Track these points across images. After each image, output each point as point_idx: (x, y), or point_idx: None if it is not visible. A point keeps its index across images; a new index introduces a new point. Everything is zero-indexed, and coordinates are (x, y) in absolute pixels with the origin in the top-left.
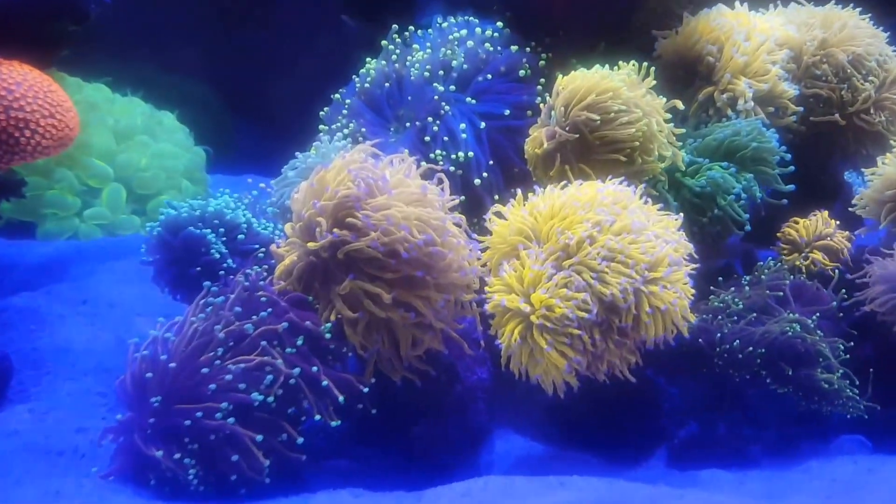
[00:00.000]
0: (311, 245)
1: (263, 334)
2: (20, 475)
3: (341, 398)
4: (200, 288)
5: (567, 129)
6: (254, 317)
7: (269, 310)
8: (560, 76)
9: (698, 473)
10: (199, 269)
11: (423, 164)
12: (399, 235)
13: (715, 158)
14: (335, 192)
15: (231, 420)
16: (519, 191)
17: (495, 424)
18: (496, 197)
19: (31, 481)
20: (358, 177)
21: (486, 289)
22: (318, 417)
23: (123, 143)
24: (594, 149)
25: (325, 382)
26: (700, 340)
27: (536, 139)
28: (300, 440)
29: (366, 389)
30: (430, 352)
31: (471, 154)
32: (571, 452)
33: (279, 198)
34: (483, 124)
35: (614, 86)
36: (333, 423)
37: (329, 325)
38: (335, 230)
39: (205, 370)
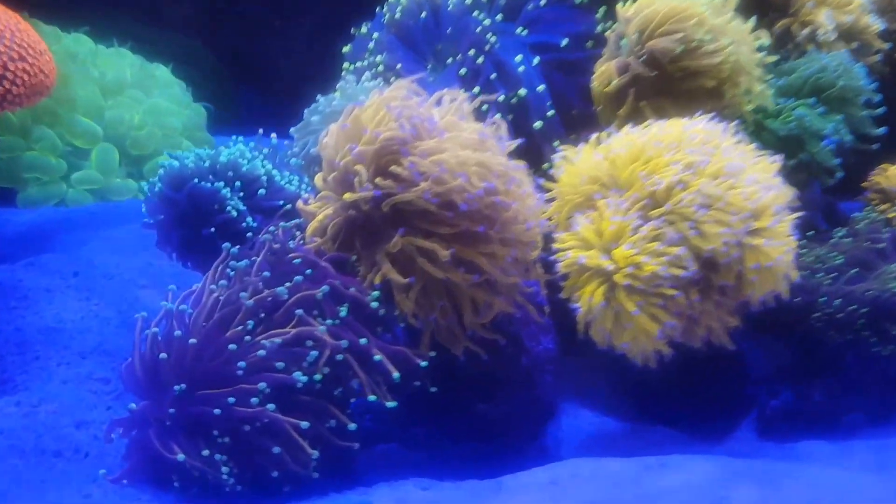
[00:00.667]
0: (348, 197)
1: (299, 302)
2: (7, 486)
3: (396, 375)
4: (215, 252)
5: (642, 60)
6: (286, 283)
7: (308, 271)
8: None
9: (795, 446)
10: (212, 229)
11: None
12: (455, 184)
13: (799, 99)
14: (375, 135)
15: (271, 406)
16: (578, 136)
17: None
18: (556, 143)
19: (21, 493)
20: (401, 116)
21: (556, 245)
22: (372, 398)
23: (112, 99)
24: (674, 82)
25: (377, 357)
26: (798, 299)
27: (605, 73)
28: (352, 426)
29: (423, 363)
30: (493, 319)
31: (526, 92)
32: (648, 427)
33: (302, 147)
34: (537, 59)
35: (698, 10)
36: (389, 405)
37: (377, 291)
38: (377, 180)
39: (233, 347)
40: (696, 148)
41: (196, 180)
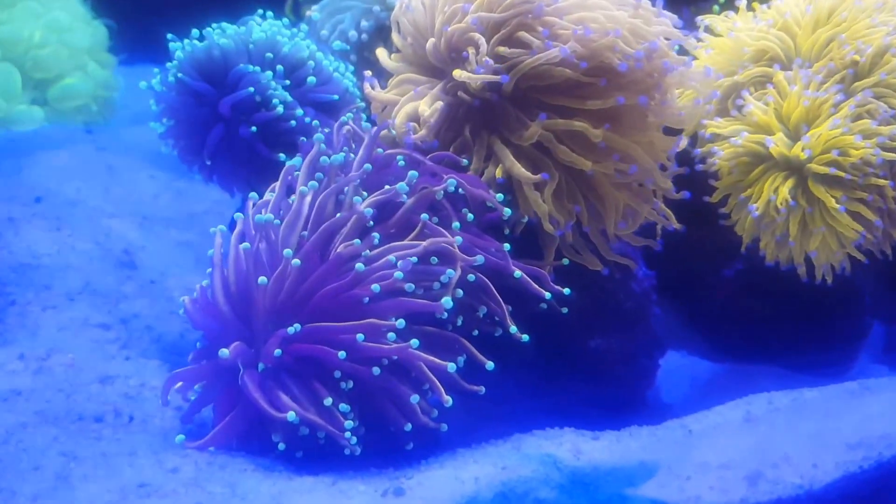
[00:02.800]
0: (460, 75)
1: (419, 204)
2: (63, 464)
3: (548, 294)
4: (256, 161)
5: None
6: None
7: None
8: None
9: None
10: (253, 128)
11: None
12: (607, 40)
13: None
14: None
15: (415, 343)
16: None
17: None
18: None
19: (87, 472)
20: None
21: (714, 130)
22: (513, 329)
23: (5, 12)
24: None
25: (517, 273)
26: None
27: None
28: (489, 364)
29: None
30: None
31: None
32: (755, 365)
33: (333, 28)
34: None
35: None
36: (525, 338)
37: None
38: (500, 49)
39: (359, 266)
40: None
41: (237, 65)
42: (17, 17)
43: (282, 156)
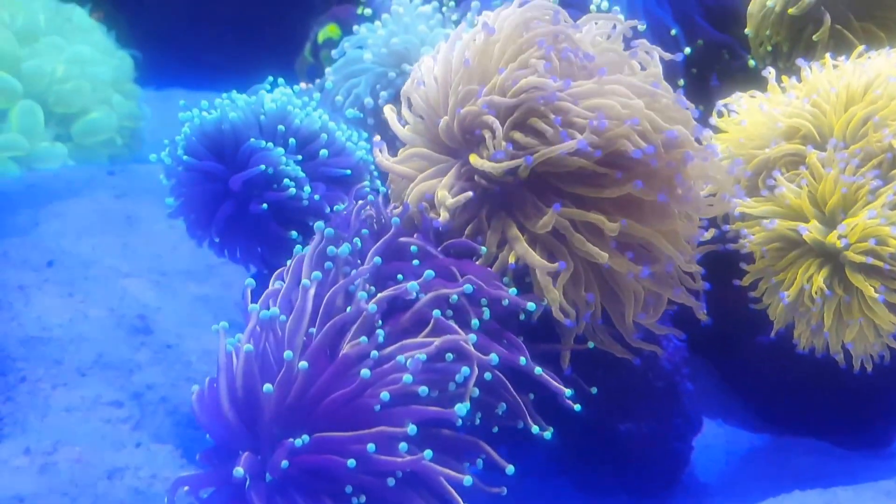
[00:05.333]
0: (481, 164)
1: (432, 303)
2: None
3: (568, 392)
4: (265, 237)
5: None
6: (399, 274)
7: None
8: None
9: None
10: (264, 205)
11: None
12: (623, 130)
13: None
14: (513, 78)
15: (428, 454)
16: (772, 70)
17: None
18: (680, 83)
19: None
20: (552, 51)
21: (745, 209)
22: (536, 430)
23: (28, 47)
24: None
25: (538, 370)
26: None
27: None
28: (510, 468)
29: (569, 370)
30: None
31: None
32: (793, 437)
33: (348, 93)
34: None
35: None
36: (547, 435)
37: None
38: (515, 135)
39: (365, 372)
40: None
41: (248, 139)
42: (40, 52)
43: (293, 234)
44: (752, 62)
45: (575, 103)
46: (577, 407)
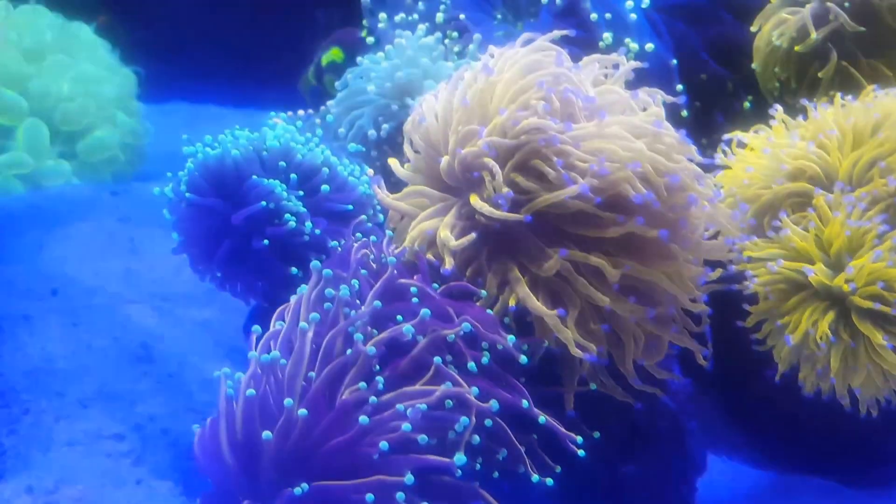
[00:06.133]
0: (481, 207)
1: (430, 346)
2: None
3: (580, 439)
4: (266, 272)
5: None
6: (399, 314)
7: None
8: None
9: None
10: (266, 241)
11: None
12: (624, 174)
13: None
14: (514, 119)
15: None
16: (779, 108)
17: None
18: (683, 114)
19: None
20: (553, 92)
21: (750, 253)
22: (536, 478)
23: (34, 65)
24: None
25: (542, 419)
26: None
27: (784, 25)
28: None
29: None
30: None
31: (649, 47)
32: (798, 474)
33: (351, 125)
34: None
35: None
36: (549, 482)
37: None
38: (516, 178)
39: (363, 419)
40: None
41: (252, 177)
42: (46, 71)
43: (294, 270)
44: (747, 104)
45: (576, 146)
46: (580, 453)
